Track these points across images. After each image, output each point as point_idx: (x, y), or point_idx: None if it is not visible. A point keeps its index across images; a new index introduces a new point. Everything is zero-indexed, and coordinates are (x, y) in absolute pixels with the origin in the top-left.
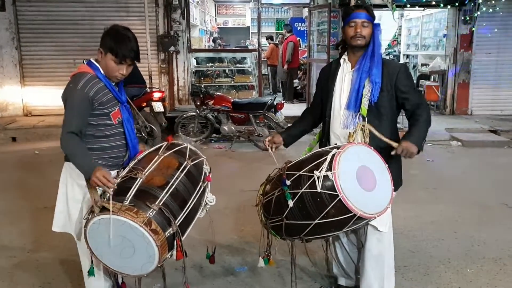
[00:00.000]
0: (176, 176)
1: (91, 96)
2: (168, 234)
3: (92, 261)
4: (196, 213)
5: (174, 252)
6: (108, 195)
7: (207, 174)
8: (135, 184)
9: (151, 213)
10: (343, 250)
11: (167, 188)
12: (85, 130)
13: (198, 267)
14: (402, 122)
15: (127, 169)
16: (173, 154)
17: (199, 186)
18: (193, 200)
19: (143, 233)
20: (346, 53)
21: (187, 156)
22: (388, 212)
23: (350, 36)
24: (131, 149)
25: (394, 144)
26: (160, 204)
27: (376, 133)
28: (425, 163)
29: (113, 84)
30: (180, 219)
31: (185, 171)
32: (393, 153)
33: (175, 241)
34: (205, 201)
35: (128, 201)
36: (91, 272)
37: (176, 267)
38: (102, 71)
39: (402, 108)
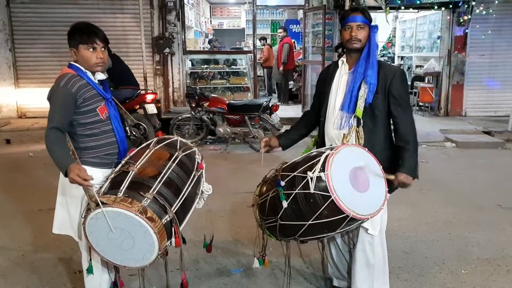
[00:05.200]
0: (168, 166)
1: (74, 92)
2: (165, 221)
3: (90, 259)
4: (193, 202)
5: (173, 239)
6: (103, 189)
7: (199, 162)
8: (128, 177)
9: (145, 202)
10: (338, 251)
11: (159, 178)
12: (77, 130)
13: (194, 269)
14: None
15: (119, 165)
16: (164, 146)
17: (192, 175)
18: (187, 188)
19: (140, 222)
20: (344, 55)
21: (177, 147)
22: (380, 215)
23: (346, 40)
24: (119, 144)
25: (391, 177)
26: (154, 192)
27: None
28: (419, 164)
29: (97, 81)
30: (175, 206)
31: (176, 161)
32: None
33: (173, 228)
34: (202, 190)
35: (122, 192)
36: (89, 270)
37: (172, 270)
38: (83, 69)
39: (390, 112)
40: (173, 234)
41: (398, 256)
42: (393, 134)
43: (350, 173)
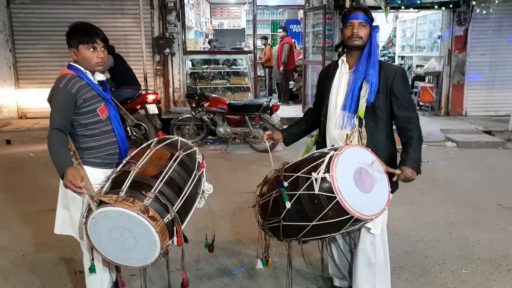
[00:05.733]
0: (169, 166)
1: (74, 93)
2: (167, 221)
3: (92, 258)
4: (194, 201)
5: (175, 239)
6: (104, 189)
7: (200, 162)
8: (129, 176)
9: (147, 201)
10: (339, 251)
11: (161, 177)
12: (77, 130)
13: (194, 269)
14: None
15: (120, 165)
16: (165, 146)
17: (193, 174)
18: (189, 188)
19: (142, 221)
20: (344, 54)
21: (178, 147)
22: (382, 214)
23: (347, 37)
24: (120, 144)
25: (397, 171)
26: (156, 192)
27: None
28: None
29: (96, 82)
30: (177, 205)
31: (177, 161)
32: (394, 179)
33: (174, 227)
34: (203, 189)
35: (124, 192)
36: (92, 269)
37: (173, 270)
38: (83, 70)
39: (392, 112)
40: (175, 233)
41: (399, 256)
42: (395, 133)
43: (354, 173)
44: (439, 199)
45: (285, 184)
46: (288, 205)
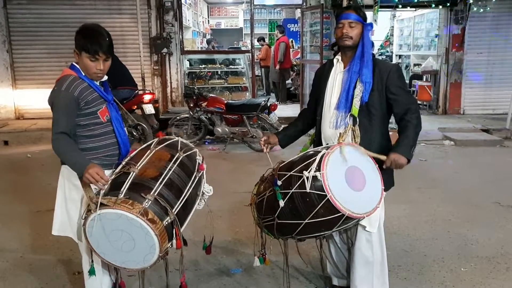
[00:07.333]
0: (169, 168)
1: (76, 96)
2: (166, 223)
3: (92, 260)
4: (194, 203)
5: (174, 241)
6: (103, 190)
7: (200, 163)
8: (129, 178)
9: (146, 204)
10: (337, 249)
11: (160, 179)
12: (76, 131)
13: (193, 268)
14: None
15: (120, 166)
16: (165, 147)
17: (193, 176)
18: (189, 189)
19: (141, 224)
20: (339, 53)
21: (178, 148)
22: (377, 212)
23: (338, 37)
24: (121, 147)
25: (382, 157)
26: (155, 194)
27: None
28: (418, 163)
29: (98, 83)
30: (176, 208)
31: (177, 162)
32: (384, 166)
33: (174, 230)
34: (202, 191)
35: (123, 194)
36: (91, 272)
37: (171, 270)
38: (83, 72)
39: (392, 110)
40: (174, 236)
41: (398, 254)
42: (391, 132)
43: (346, 172)
44: (437, 198)
45: (279, 182)
46: (281, 203)
